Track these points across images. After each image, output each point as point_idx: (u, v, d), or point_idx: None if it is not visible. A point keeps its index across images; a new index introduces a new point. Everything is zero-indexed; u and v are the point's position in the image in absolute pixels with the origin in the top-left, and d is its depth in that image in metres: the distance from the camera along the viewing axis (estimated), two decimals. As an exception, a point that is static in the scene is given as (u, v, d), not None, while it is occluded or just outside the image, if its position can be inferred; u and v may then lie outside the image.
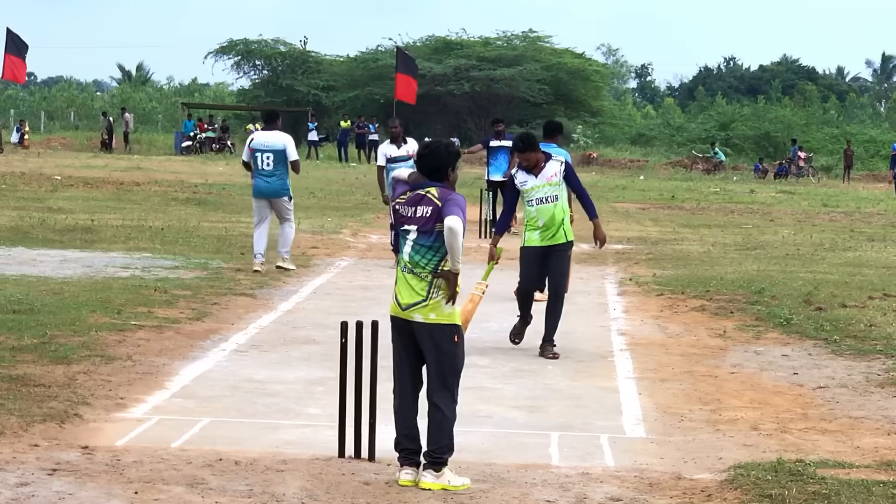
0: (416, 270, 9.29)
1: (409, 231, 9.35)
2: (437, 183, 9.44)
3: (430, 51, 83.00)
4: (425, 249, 9.28)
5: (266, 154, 20.51)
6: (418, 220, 9.30)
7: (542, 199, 14.41)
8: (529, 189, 14.45)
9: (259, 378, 12.72)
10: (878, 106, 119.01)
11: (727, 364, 14.01)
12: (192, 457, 9.64)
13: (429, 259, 9.27)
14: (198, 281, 18.67)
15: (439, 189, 9.35)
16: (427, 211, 9.27)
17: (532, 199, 14.44)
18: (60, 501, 8.39)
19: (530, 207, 14.48)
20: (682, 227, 31.76)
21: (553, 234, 14.46)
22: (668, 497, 8.96)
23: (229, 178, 45.05)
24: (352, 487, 9.01)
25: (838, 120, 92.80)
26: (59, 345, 13.31)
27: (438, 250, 9.28)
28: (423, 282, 9.25)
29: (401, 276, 9.39)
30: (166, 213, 30.37)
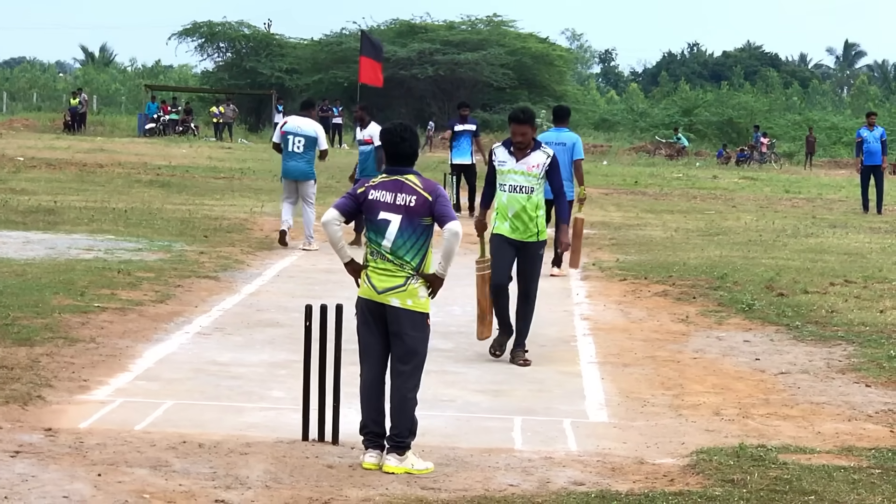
0: (396, 262, 9.27)
1: (390, 221, 9.29)
2: (411, 169, 9.42)
3: (395, 34, 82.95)
4: (411, 243, 9.23)
5: (298, 138, 21.71)
6: (401, 208, 9.25)
7: (516, 188, 13.18)
8: (505, 171, 13.26)
9: (223, 361, 12.71)
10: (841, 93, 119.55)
11: (689, 349, 14.05)
12: (156, 439, 9.63)
13: (413, 254, 9.25)
14: (161, 263, 18.63)
15: (420, 178, 9.33)
16: (411, 200, 9.23)
17: (505, 184, 13.27)
18: (23, 483, 8.37)
19: (502, 193, 13.32)
20: (644, 212, 31.83)
21: (524, 230, 13.23)
22: (631, 482, 8.98)
23: (193, 160, 45.00)
24: (315, 470, 9.02)
25: (801, 106, 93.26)
26: (21, 326, 13.28)
27: (423, 245, 9.26)
28: (404, 272, 9.25)
29: (376, 261, 9.34)
30: (129, 195, 30.27)
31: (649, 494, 8.58)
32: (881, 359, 13.38)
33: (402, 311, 9.22)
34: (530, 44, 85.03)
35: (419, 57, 79.85)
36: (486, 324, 13.28)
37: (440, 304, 16.28)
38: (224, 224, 24.46)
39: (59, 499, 8.09)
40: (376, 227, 9.31)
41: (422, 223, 9.23)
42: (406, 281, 9.21)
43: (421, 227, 9.23)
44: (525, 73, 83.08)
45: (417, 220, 9.21)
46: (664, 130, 78.43)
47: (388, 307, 9.24)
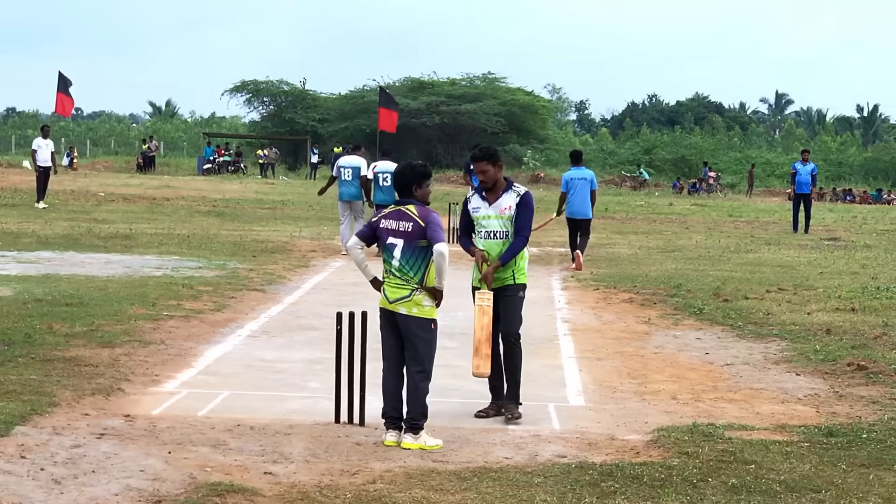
0: (403, 277, 9.36)
1: (395, 245, 9.39)
2: (412, 200, 9.51)
3: (407, 89, 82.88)
4: (412, 261, 9.33)
5: (347, 170, 24.36)
6: (402, 234, 9.35)
7: (490, 234, 10.51)
8: (480, 217, 10.56)
9: (269, 358, 12.73)
10: (773, 134, 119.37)
11: (651, 346, 14.07)
12: (215, 423, 9.66)
13: (416, 270, 9.33)
14: (218, 279, 18.66)
15: (417, 207, 9.43)
16: (409, 226, 9.34)
17: (481, 230, 10.60)
18: (107, 460, 8.39)
19: (479, 240, 10.60)
20: (613, 233, 31.82)
21: (500, 276, 10.45)
22: (604, 454, 9.00)
23: (243, 194, 45.01)
24: (346, 447, 9.05)
25: (741, 146, 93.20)
26: (104, 332, 13.31)
27: (423, 263, 9.35)
28: (409, 286, 9.31)
29: (388, 279, 9.45)
30: (191, 223, 30.32)
31: (619, 464, 8.60)
32: (809, 352, 13.40)
33: (409, 318, 9.30)
34: (518, 96, 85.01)
35: (427, 108, 79.85)
36: (481, 356, 10.08)
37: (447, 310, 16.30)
38: (269, 246, 24.49)
39: (136, 472, 8.11)
40: (387, 250, 9.45)
41: (419, 245, 9.33)
42: (411, 293, 9.29)
43: (419, 248, 9.34)
44: (514, 120, 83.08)
45: (415, 242, 9.33)
46: (629, 166, 78.40)
47: (398, 314, 9.31)
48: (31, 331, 13.08)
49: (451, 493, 7.82)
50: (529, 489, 7.94)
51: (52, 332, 13.07)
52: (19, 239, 23.90)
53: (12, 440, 8.75)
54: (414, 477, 8.22)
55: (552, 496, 7.79)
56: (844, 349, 13.53)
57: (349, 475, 8.26)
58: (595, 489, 7.96)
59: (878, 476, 8.44)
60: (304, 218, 33.74)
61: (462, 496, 7.76)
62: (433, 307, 9.41)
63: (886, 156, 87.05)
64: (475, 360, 10.09)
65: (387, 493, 7.80)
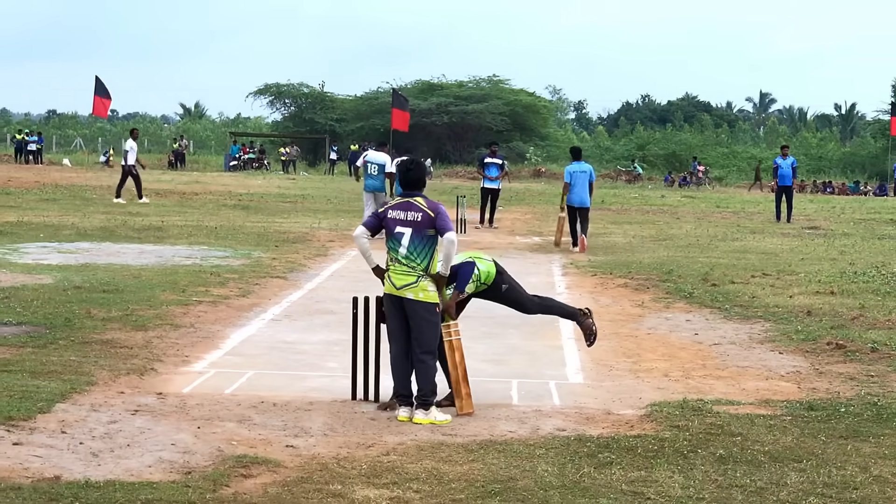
0: (410, 265, 9.32)
1: (403, 234, 9.35)
2: (420, 192, 9.51)
3: (418, 91, 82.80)
4: (420, 250, 9.30)
5: (374, 165, 25.66)
6: (410, 223, 9.32)
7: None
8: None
9: (290, 340, 12.72)
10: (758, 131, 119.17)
11: (645, 327, 14.05)
12: (241, 400, 9.65)
13: (422, 258, 9.30)
14: (243, 267, 18.66)
15: (426, 199, 9.42)
16: (418, 216, 9.31)
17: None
18: (141, 434, 8.40)
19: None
20: (610, 224, 31.77)
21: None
22: (601, 428, 8.98)
23: (266, 189, 45.01)
24: (362, 422, 9.04)
25: (728, 142, 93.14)
26: (138, 316, 13.32)
27: (429, 251, 9.33)
28: (415, 272, 9.29)
29: (394, 266, 9.41)
30: (218, 215, 30.31)
31: (615, 437, 8.58)
32: (791, 332, 13.37)
33: (416, 303, 9.27)
34: (521, 97, 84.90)
35: (437, 108, 79.80)
36: (462, 396, 9.46)
37: (455, 295, 16.32)
38: (290, 236, 24.48)
39: (168, 446, 8.11)
40: (394, 238, 9.39)
41: (427, 234, 9.31)
42: (417, 279, 9.27)
43: (427, 237, 9.32)
44: (517, 119, 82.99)
45: (424, 231, 9.30)
46: (624, 161, 78.35)
47: (405, 299, 9.29)
48: (71, 316, 13.09)
49: (460, 464, 7.81)
50: (532, 460, 7.93)
51: (90, 317, 13.08)
52: (60, 231, 23.92)
53: (54, 416, 8.76)
54: (425, 449, 8.21)
55: (553, 466, 7.78)
56: (824, 329, 13.50)
57: (365, 447, 8.25)
58: (592, 460, 7.95)
59: (854, 446, 8.43)
60: (323, 210, 33.70)
61: (469, 467, 7.75)
62: (436, 292, 9.39)
63: (863, 150, 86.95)
64: (458, 402, 9.45)
65: (399, 464, 7.79)
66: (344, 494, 7.08)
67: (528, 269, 19.91)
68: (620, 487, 7.34)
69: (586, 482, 7.44)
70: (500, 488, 7.25)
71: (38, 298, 14.21)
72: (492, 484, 7.34)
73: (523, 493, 7.16)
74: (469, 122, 79.95)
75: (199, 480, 7.28)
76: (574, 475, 7.58)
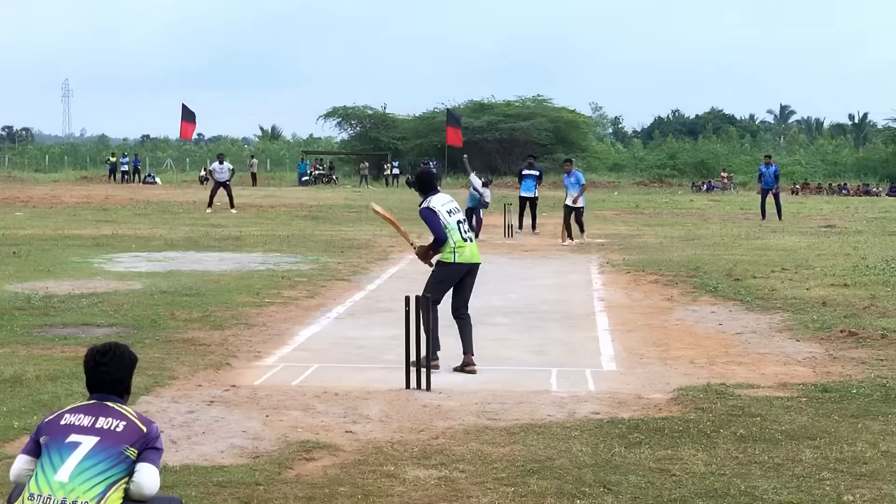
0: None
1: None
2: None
3: (471, 111, 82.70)
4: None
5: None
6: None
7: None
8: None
9: (353, 336, 12.67)
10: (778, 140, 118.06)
11: (673, 319, 13.87)
12: (306, 391, 9.61)
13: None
14: (312, 271, 18.65)
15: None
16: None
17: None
18: (215, 423, 8.37)
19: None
20: (643, 226, 31.54)
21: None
22: (632, 411, 8.86)
23: (334, 201, 45.08)
24: (415, 409, 8.96)
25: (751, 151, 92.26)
26: (216, 316, 13.33)
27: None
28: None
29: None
30: (290, 225, 30.38)
31: (644, 419, 8.46)
32: (807, 322, 13.17)
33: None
34: (563, 114, 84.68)
35: (488, 126, 79.70)
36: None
37: (501, 291, 16.26)
38: (355, 243, 24.46)
39: (239, 433, 8.08)
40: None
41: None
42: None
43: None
44: (560, 134, 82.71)
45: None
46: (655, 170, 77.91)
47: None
48: (157, 317, 13.12)
49: (502, 446, 7.72)
50: (568, 441, 7.83)
51: (173, 318, 13.10)
52: (149, 242, 24.04)
53: (138, 408, 8.75)
54: (470, 433, 8.12)
55: (587, 446, 7.67)
56: (838, 318, 13.29)
57: (416, 432, 8.18)
58: (623, 440, 7.84)
59: (865, 425, 8.27)
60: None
61: (511, 448, 7.65)
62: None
63: (875, 155, 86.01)
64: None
65: (448, 446, 7.71)
66: (396, 475, 7.01)
67: (567, 268, 19.82)
68: (648, 465, 7.22)
69: (617, 460, 7.33)
70: (539, 467, 7.15)
71: (128, 302, 14.26)
72: (531, 463, 7.25)
73: (560, 472, 7.06)
74: (516, 137, 79.77)
75: (266, 464, 7.24)
76: (606, 454, 7.47)
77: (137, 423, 4.86)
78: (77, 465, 4.62)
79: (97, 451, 4.67)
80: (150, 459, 4.85)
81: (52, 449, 4.69)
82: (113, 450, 4.69)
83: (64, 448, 4.68)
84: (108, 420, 4.82)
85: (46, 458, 4.67)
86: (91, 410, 4.87)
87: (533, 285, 17.36)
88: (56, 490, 4.56)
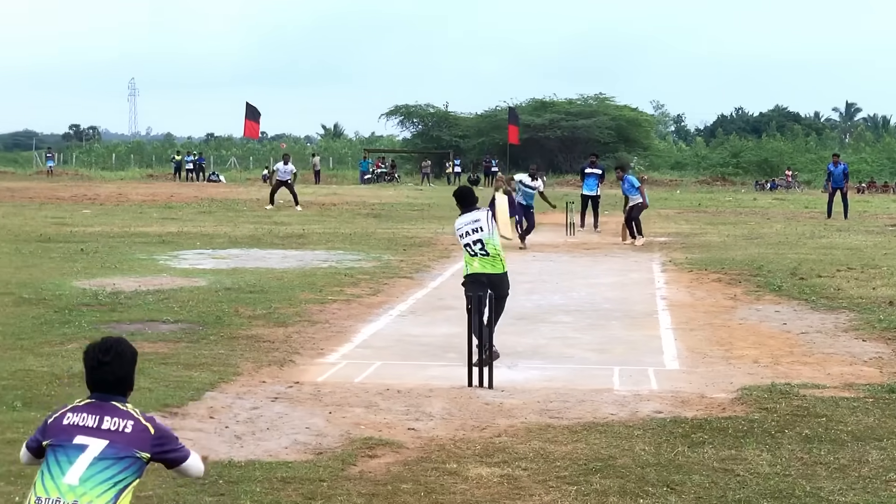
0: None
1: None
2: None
3: (532, 109, 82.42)
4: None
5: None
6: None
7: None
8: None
9: (415, 333, 12.71)
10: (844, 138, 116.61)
11: (737, 318, 13.76)
12: (369, 388, 9.65)
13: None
14: (374, 268, 18.71)
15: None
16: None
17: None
18: (279, 419, 8.43)
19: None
20: (705, 224, 31.28)
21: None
22: (695, 410, 8.80)
23: (396, 199, 45.17)
24: (477, 407, 8.97)
25: (816, 149, 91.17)
26: (280, 314, 13.42)
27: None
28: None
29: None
30: (353, 223, 30.49)
31: (708, 419, 8.41)
32: (873, 321, 13.01)
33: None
34: (625, 112, 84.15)
35: (549, 124, 79.39)
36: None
37: (563, 290, 16.23)
38: (416, 241, 24.52)
39: (302, 429, 8.13)
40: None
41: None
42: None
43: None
44: (622, 132, 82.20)
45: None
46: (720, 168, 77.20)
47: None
48: (221, 314, 13.24)
49: (564, 444, 7.70)
50: (630, 440, 7.80)
51: (237, 315, 13.21)
52: (214, 239, 24.25)
53: (203, 403, 8.84)
54: (533, 431, 8.11)
55: (650, 446, 7.63)
56: (905, 318, 13.12)
57: (479, 430, 8.18)
58: (687, 440, 7.79)
59: (933, 426, 8.14)
60: (447, 218, 33.54)
61: (573, 447, 7.63)
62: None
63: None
64: None
65: (510, 444, 7.71)
66: (459, 472, 7.02)
67: (629, 267, 19.71)
68: (712, 465, 7.17)
69: (680, 460, 7.29)
70: (601, 466, 7.13)
71: (193, 299, 14.40)
72: (593, 462, 7.22)
73: (622, 471, 7.03)
74: (578, 135, 79.40)
75: (329, 460, 7.28)
76: (669, 454, 7.43)
77: (143, 421, 4.60)
78: (87, 469, 4.42)
79: (107, 455, 4.46)
80: (182, 456, 4.72)
81: (59, 451, 4.49)
82: (124, 454, 4.48)
83: (71, 450, 4.47)
84: (114, 420, 4.55)
85: (53, 460, 4.48)
86: (95, 410, 4.59)
87: (595, 283, 17.29)
88: (65, 493, 4.38)
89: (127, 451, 4.47)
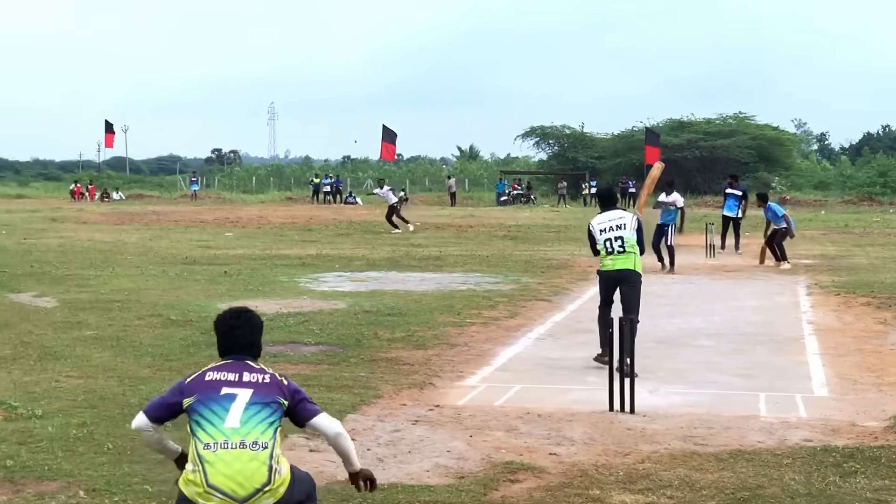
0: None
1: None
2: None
3: (669, 129, 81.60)
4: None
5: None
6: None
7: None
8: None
9: (554, 356, 12.64)
10: None
11: (888, 343, 13.36)
12: (509, 411, 9.62)
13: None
14: (512, 291, 18.70)
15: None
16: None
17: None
18: (420, 442, 8.46)
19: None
20: (852, 246, 30.52)
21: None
22: (846, 438, 8.57)
23: (532, 220, 45.13)
24: (619, 431, 8.87)
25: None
26: (418, 336, 13.49)
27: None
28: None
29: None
30: (490, 245, 30.54)
31: (860, 447, 8.17)
32: None
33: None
34: (766, 131, 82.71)
35: (688, 144, 78.52)
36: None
37: (703, 313, 15.98)
38: (554, 263, 24.43)
39: (443, 452, 8.14)
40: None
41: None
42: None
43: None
44: (763, 152, 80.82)
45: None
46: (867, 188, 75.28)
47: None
48: (361, 336, 13.37)
49: (710, 473, 7.56)
50: (779, 469, 7.62)
51: (377, 338, 13.32)
52: (352, 262, 24.54)
53: (346, 426, 8.84)
54: (677, 458, 7.99)
55: (800, 475, 7.44)
56: None
57: (622, 455, 8.09)
58: (838, 469, 7.58)
59: None
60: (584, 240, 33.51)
61: (720, 475, 7.49)
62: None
63: None
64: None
65: (654, 471, 7.60)
66: (602, 499, 6.95)
67: (773, 290, 19.32)
68: (865, 496, 6.97)
69: (832, 490, 7.09)
70: (749, 496, 6.98)
71: (332, 321, 14.57)
72: (741, 491, 7.07)
73: (771, 501, 6.87)
74: (717, 155, 78.32)
75: (471, 484, 7.27)
76: (820, 483, 7.24)
77: (278, 376, 5.07)
78: (244, 413, 4.84)
79: (255, 400, 4.90)
80: (314, 409, 5.11)
81: (210, 402, 4.89)
82: (269, 399, 4.93)
83: (222, 400, 4.89)
84: (252, 375, 5.02)
85: (206, 411, 4.86)
86: (233, 368, 5.05)
87: (737, 306, 16.99)
88: (230, 435, 4.78)
89: (270, 398, 4.94)
